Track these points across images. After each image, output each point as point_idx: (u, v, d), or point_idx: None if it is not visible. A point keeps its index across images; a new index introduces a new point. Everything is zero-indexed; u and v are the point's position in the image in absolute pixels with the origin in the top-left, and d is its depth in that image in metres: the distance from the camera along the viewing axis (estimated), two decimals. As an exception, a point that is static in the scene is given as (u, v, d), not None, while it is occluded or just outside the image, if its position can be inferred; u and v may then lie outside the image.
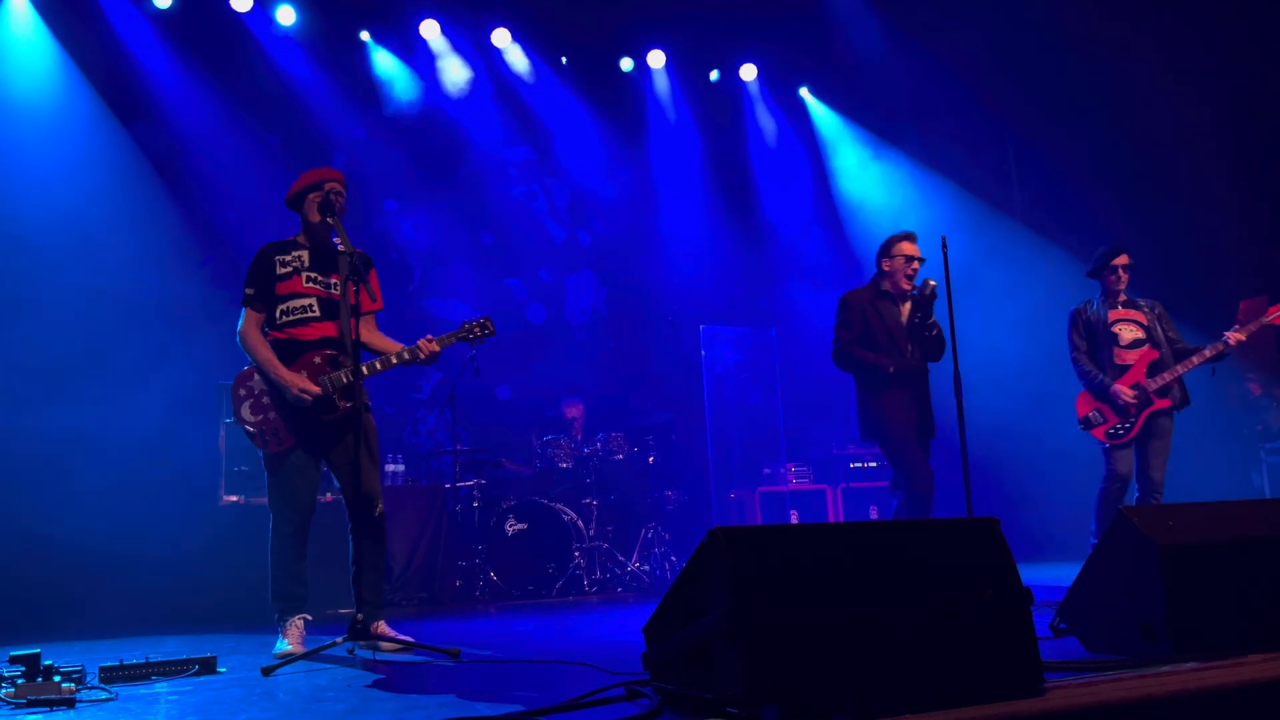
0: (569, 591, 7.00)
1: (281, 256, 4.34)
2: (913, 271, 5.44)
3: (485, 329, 4.47)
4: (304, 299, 4.30)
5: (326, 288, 4.35)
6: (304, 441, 4.27)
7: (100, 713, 2.98)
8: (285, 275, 4.31)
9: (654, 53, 9.26)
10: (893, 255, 5.48)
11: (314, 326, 4.28)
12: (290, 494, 4.25)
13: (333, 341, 4.29)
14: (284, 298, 4.30)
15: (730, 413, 8.86)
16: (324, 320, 4.30)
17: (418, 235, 8.56)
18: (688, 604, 2.51)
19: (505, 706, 2.69)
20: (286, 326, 4.29)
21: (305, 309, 4.29)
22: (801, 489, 8.23)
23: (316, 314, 4.30)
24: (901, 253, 5.45)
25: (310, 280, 4.33)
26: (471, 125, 8.77)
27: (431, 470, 7.90)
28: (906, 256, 5.44)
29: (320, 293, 4.33)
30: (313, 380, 4.21)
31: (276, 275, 4.31)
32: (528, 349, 8.72)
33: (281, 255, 4.35)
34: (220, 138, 7.63)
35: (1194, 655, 2.76)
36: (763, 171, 9.89)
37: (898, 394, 5.31)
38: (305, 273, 4.33)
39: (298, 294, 4.30)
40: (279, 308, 4.30)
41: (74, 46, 7.21)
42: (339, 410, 4.23)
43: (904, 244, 5.47)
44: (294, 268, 4.32)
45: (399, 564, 6.83)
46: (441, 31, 8.53)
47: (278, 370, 4.19)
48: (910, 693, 2.27)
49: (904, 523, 2.50)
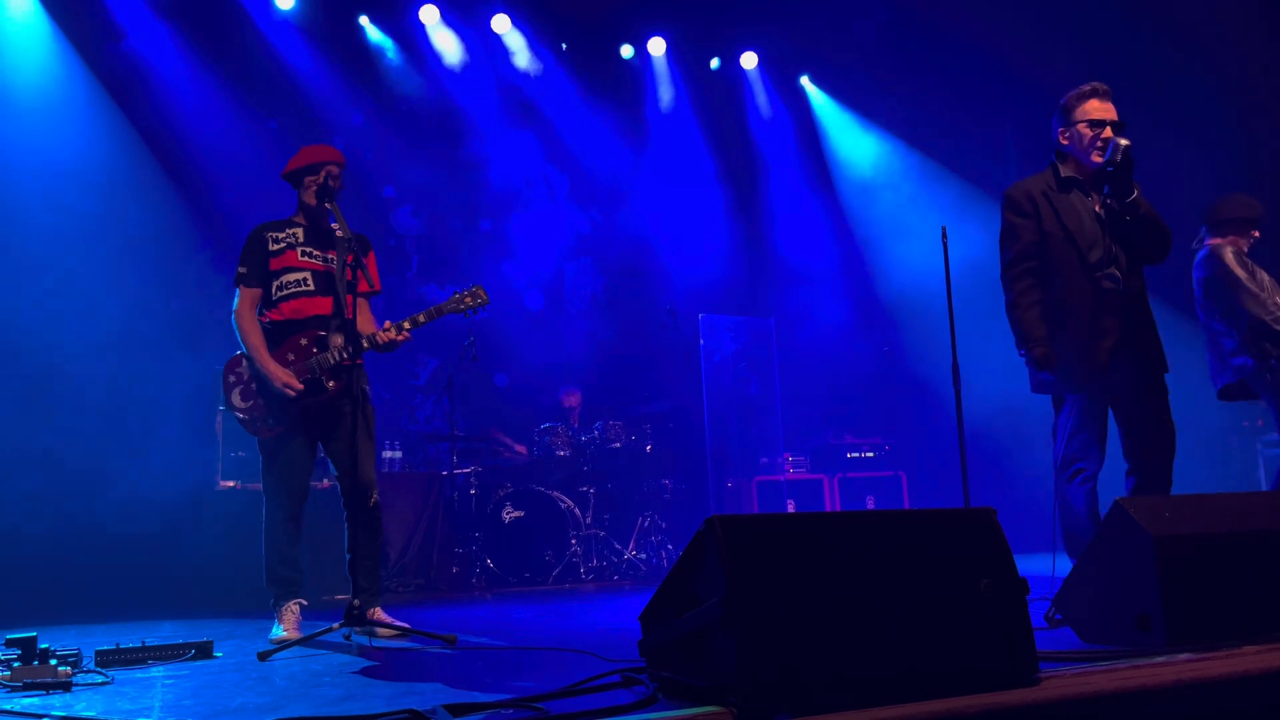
0: (566, 579, 7.01)
1: (275, 234, 4.33)
2: (1104, 141, 4.00)
3: (477, 298, 4.32)
4: (299, 273, 4.27)
5: (324, 261, 4.31)
6: (299, 425, 4.23)
7: (96, 696, 2.98)
8: (279, 251, 4.29)
9: (654, 40, 9.23)
10: (1073, 123, 4.07)
11: (309, 301, 4.24)
12: (284, 479, 4.24)
13: (324, 320, 4.23)
14: (278, 273, 4.26)
15: (728, 402, 8.86)
16: (319, 295, 4.25)
17: (415, 221, 8.55)
18: (684, 592, 2.51)
19: (501, 693, 2.69)
20: (281, 303, 4.25)
21: (300, 283, 4.25)
22: (799, 478, 8.24)
23: (311, 288, 4.25)
24: (1085, 116, 4.04)
25: (306, 254, 4.30)
26: (470, 111, 8.75)
27: (429, 457, 7.90)
28: (1092, 121, 4.04)
29: (317, 266, 4.29)
30: (301, 363, 4.19)
31: (270, 252, 4.29)
32: (526, 336, 8.72)
33: (275, 232, 4.34)
34: (219, 123, 7.61)
35: (1189, 646, 2.77)
36: (762, 159, 9.86)
37: (1098, 323, 3.92)
38: (300, 247, 4.30)
39: (292, 268, 4.27)
40: (274, 283, 4.26)
41: (73, 31, 7.17)
42: (328, 392, 4.19)
43: (1088, 103, 4.06)
44: (288, 243, 4.31)
45: (396, 551, 6.84)
46: (441, 17, 8.50)
47: (264, 361, 4.18)
48: (905, 681, 2.27)
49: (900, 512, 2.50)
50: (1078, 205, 4.04)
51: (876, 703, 2.18)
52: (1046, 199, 4.07)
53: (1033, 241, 4.06)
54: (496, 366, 8.58)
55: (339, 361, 4.16)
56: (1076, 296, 3.99)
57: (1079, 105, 4.07)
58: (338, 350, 4.16)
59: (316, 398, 4.20)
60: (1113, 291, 3.94)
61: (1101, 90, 4.07)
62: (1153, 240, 3.99)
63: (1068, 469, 4.05)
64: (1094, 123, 4.03)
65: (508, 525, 7.05)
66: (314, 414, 4.24)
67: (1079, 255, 3.98)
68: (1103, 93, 4.06)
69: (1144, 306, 4.04)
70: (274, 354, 4.21)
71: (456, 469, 7.23)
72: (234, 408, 4.28)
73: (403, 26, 8.47)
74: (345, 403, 4.14)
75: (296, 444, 4.25)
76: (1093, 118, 4.03)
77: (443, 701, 2.48)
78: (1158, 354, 4.01)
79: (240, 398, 4.26)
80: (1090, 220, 4.01)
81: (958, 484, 4.42)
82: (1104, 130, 4.01)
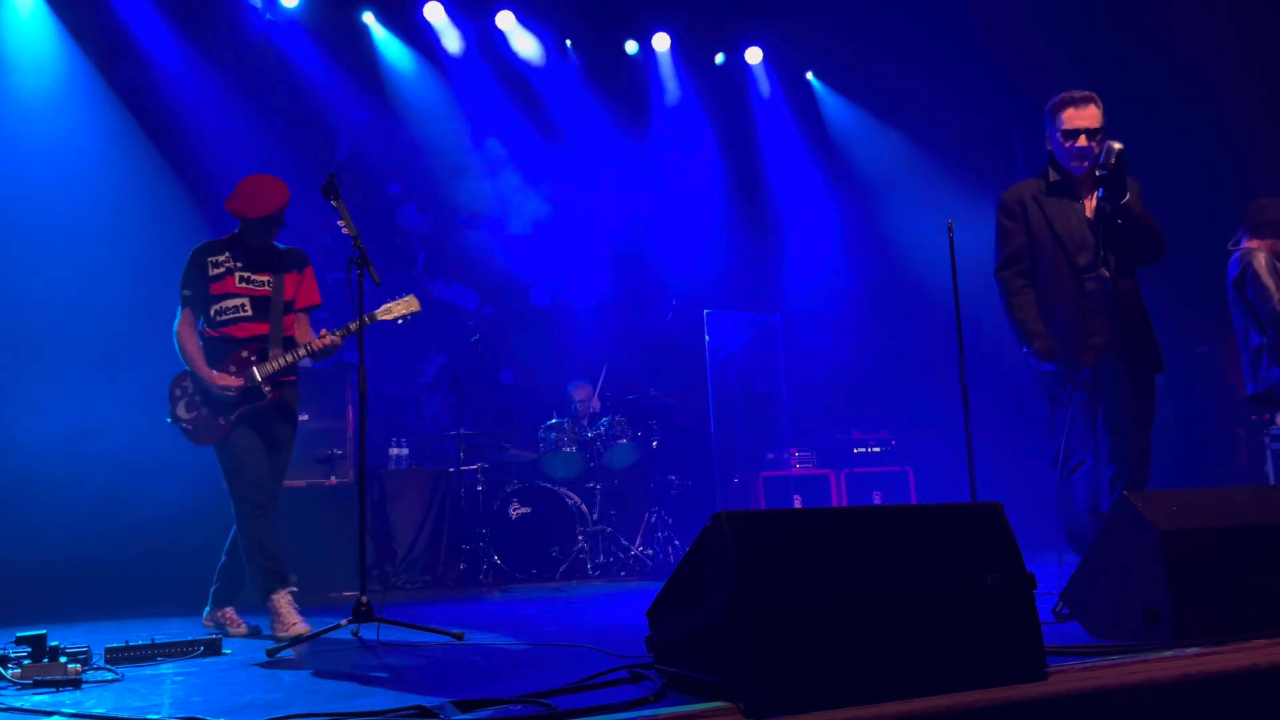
0: (572, 575, 7.01)
1: (214, 258, 4.52)
2: (1080, 149, 4.05)
3: (409, 306, 4.52)
4: (237, 299, 4.49)
5: (258, 286, 4.52)
6: (246, 421, 4.42)
7: (106, 693, 3.00)
8: (218, 276, 4.49)
9: (659, 35, 9.22)
10: (1053, 130, 4.11)
11: (245, 326, 4.46)
12: (243, 474, 4.39)
13: (264, 339, 4.46)
14: (218, 298, 4.48)
15: (734, 397, 8.85)
16: (256, 320, 4.48)
17: (421, 219, 8.55)
18: (691, 588, 2.51)
19: (509, 689, 2.70)
20: (221, 325, 4.47)
21: (239, 308, 4.48)
22: (805, 474, 8.23)
23: (249, 313, 4.48)
24: (1060, 126, 4.07)
25: (243, 280, 4.50)
26: (475, 108, 8.74)
27: (435, 454, 7.92)
28: (1065, 131, 4.06)
29: (252, 291, 4.51)
30: (242, 372, 4.40)
31: (210, 276, 4.49)
32: (532, 333, 8.72)
33: (214, 256, 4.53)
34: (225, 121, 7.61)
35: (1196, 640, 2.76)
36: (768, 155, 9.85)
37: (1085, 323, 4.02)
38: (238, 273, 4.50)
39: (231, 294, 4.48)
40: (213, 307, 4.48)
41: (77, 30, 7.18)
42: (265, 399, 4.42)
43: (1065, 112, 4.07)
44: (226, 268, 4.50)
45: (403, 547, 6.86)
46: (445, 14, 8.50)
47: (201, 370, 4.40)
48: (913, 677, 2.28)
49: (908, 507, 2.49)
50: (1067, 208, 4.12)
51: (883, 698, 2.18)
52: (1036, 202, 4.17)
53: (1022, 244, 4.19)
54: (502, 363, 8.59)
55: (278, 369, 4.41)
56: (1063, 297, 4.09)
57: (1058, 114, 4.11)
58: (277, 360, 4.41)
59: (254, 404, 4.42)
60: (1099, 293, 4.01)
61: (1079, 98, 4.08)
62: (1144, 243, 4.03)
63: (1069, 462, 4.11)
64: (1067, 132, 4.07)
65: (514, 521, 7.06)
66: (257, 422, 4.45)
67: (1066, 257, 4.08)
68: (1080, 100, 4.07)
69: (1135, 306, 4.10)
70: (217, 367, 4.42)
71: (463, 465, 7.24)
72: (179, 419, 4.48)
73: (408, 23, 8.47)
74: (277, 417, 4.49)
75: (247, 435, 4.41)
76: (1066, 127, 4.07)
77: (451, 697, 2.49)
78: (1147, 354, 4.07)
79: (185, 409, 4.47)
80: (1079, 223, 4.08)
81: (965, 479, 4.41)
82: (1078, 139, 4.05)
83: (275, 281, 4.50)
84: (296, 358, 4.42)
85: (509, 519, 7.05)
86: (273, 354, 4.42)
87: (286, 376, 4.49)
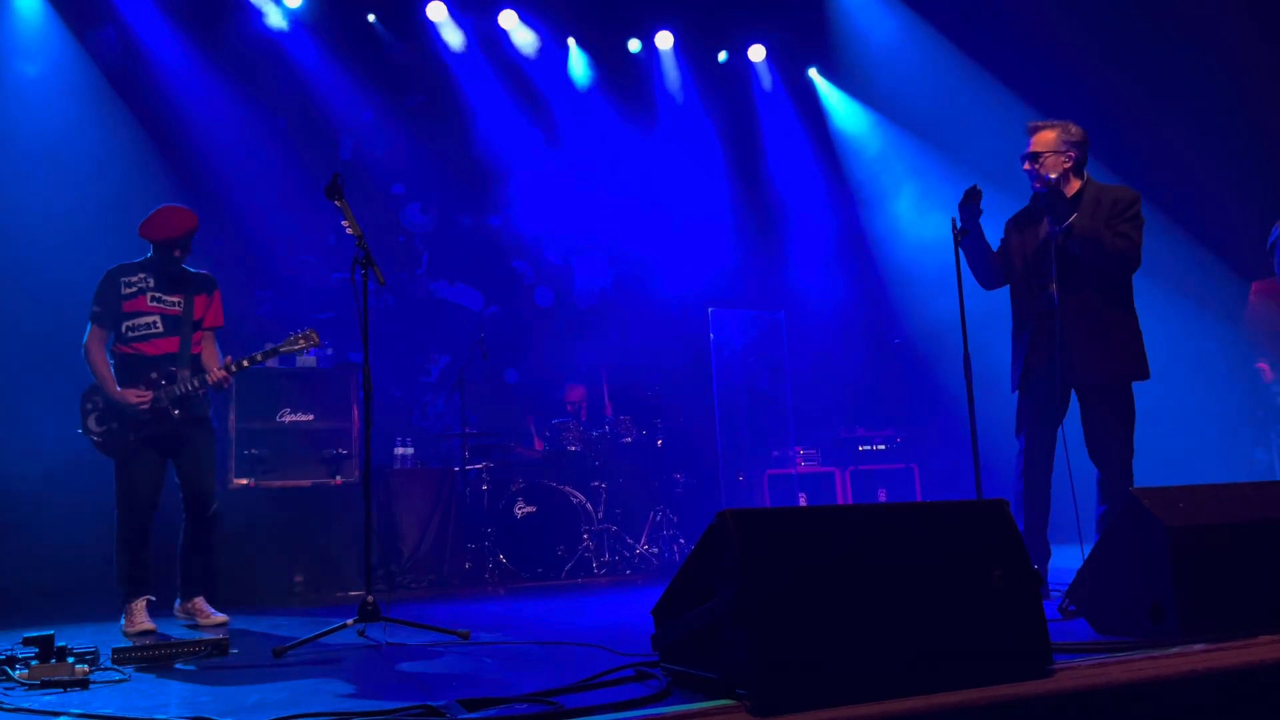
0: (578, 574, 7.02)
1: (127, 278, 4.80)
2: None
3: (310, 340, 4.82)
4: (148, 316, 4.78)
5: (170, 305, 4.82)
6: (151, 444, 4.70)
7: (113, 694, 3.00)
8: (131, 295, 4.77)
9: (662, 34, 9.21)
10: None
11: (156, 343, 4.74)
12: (134, 494, 4.67)
13: (172, 358, 4.75)
14: (130, 315, 4.75)
15: (738, 395, 8.85)
16: (166, 336, 4.76)
17: (425, 218, 8.56)
18: (696, 586, 2.52)
19: (515, 687, 2.70)
20: (133, 341, 4.74)
21: (150, 325, 4.76)
22: (810, 471, 8.23)
23: (161, 330, 4.77)
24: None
25: (155, 300, 4.80)
26: (479, 107, 8.74)
27: (440, 453, 7.92)
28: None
29: (164, 310, 4.81)
30: (154, 391, 4.66)
31: (122, 295, 4.77)
32: (535, 332, 8.72)
33: (127, 277, 4.80)
34: (228, 121, 7.62)
35: (1203, 637, 2.76)
36: (771, 153, 9.84)
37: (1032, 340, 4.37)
38: (150, 293, 4.80)
39: (143, 312, 4.77)
40: (125, 324, 4.74)
41: (82, 31, 7.20)
42: (174, 420, 4.70)
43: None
44: (139, 288, 4.79)
45: (408, 547, 6.86)
46: (448, 13, 8.50)
47: (111, 389, 4.65)
48: (918, 674, 2.28)
49: (913, 504, 2.49)
50: (1035, 229, 4.39)
51: (889, 695, 2.18)
52: (1016, 225, 4.52)
53: (1009, 267, 4.53)
54: (506, 363, 8.59)
55: (186, 393, 4.70)
56: (1021, 314, 4.49)
57: None
58: (184, 382, 4.70)
59: (163, 426, 4.69)
60: (1048, 312, 4.27)
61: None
62: (1098, 261, 4.17)
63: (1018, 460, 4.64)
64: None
65: (520, 521, 7.06)
66: (162, 438, 4.72)
67: (1025, 277, 4.42)
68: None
69: (1090, 321, 4.24)
70: (128, 386, 4.66)
71: (468, 465, 7.24)
72: (90, 431, 4.71)
73: (411, 23, 8.47)
74: (189, 427, 4.76)
75: (148, 461, 4.70)
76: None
77: (457, 696, 2.49)
78: (1106, 365, 4.23)
79: (95, 422, 4.71)
80: (1035, 243, 4.36)
81: (970, 476, 4.41)
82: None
83: (185, 302, 4.82)
84: (201, 384, 4.72)
85: (514, 518, 7.05)
86: (180, 376, 4.70)
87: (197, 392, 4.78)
